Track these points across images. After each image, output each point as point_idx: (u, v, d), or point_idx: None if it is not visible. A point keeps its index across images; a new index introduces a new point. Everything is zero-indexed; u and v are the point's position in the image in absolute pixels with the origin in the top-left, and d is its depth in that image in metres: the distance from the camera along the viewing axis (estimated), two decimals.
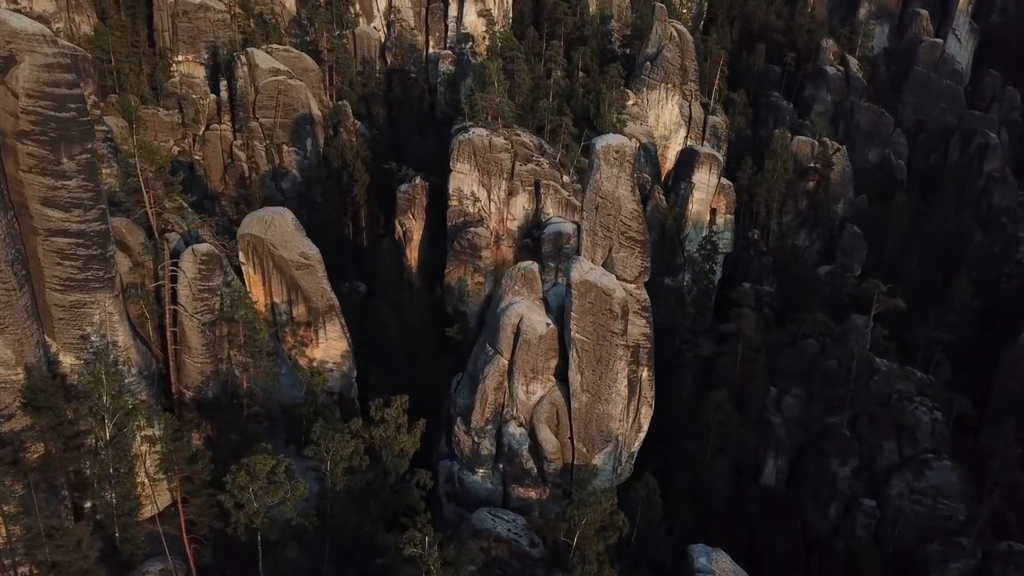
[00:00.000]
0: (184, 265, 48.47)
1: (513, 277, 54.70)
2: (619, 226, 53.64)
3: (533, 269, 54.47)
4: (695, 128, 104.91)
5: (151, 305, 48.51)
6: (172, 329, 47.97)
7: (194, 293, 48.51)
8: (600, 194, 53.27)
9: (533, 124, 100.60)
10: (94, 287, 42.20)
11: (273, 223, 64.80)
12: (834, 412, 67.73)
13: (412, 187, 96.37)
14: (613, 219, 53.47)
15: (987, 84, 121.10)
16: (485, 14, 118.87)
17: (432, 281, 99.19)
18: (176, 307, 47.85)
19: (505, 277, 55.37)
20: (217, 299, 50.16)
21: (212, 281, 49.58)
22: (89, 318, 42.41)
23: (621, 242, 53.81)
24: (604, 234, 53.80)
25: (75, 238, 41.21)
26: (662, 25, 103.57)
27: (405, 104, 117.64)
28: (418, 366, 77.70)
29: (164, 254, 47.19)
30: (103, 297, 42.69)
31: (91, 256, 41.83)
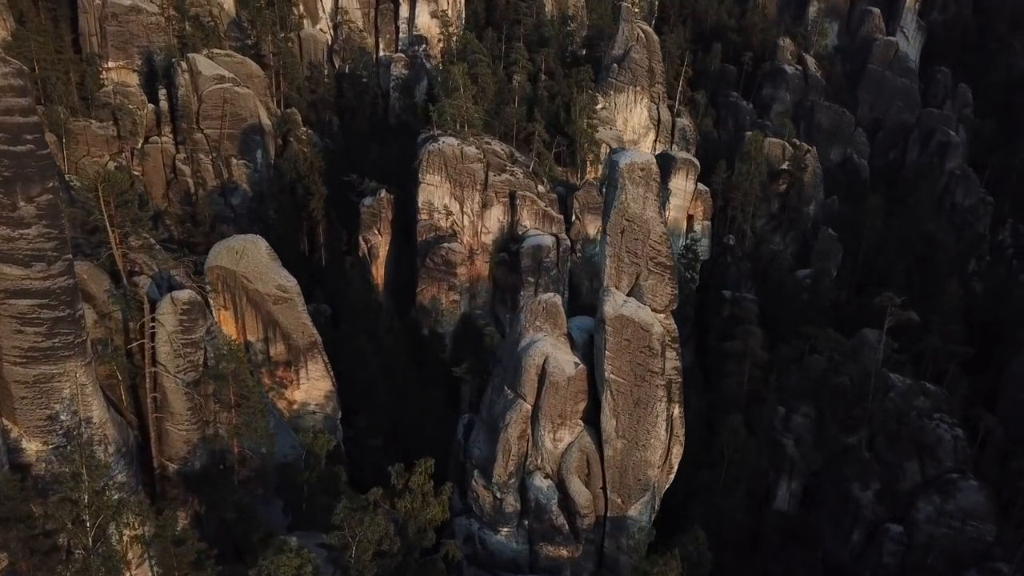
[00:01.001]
0: (163, 317, 40.33)
1: (533, 311, 48.08)
2: (648, 251, 47.56)
3: (556, 302, 47.95)
4: (664, 131, 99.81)
5: (122, 363, 40.23)
6: (153, 395, 39.77)
7: (176, 349, 40.48)
8: (627, 217, 47.05)
9: (500, 131, 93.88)
10: (63, 356, 34.01)
11: (245, 253, 56.69)
12: (850, 432, 63.26)
13: (377, 201, 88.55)
14: (641, 244, 47.34)
15: (939, 82, 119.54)
16: (439, 15, 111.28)
17: (400, 300, 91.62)
18: (156, 369, 39.68)
19: (524, 311, 48.66)
20: (201, 353, 42.14)
21: (195, 333, 41.58)
22: (58, 394, 34.23)
23: (650, 268, 47.74)
24: (631, 260, 47.63)
25: (38, 298, 33.03)
26: (629, 26, 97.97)
27: (358, 110, 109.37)
28: (403, 399, 70.44)
29: (144, 308, 38.91)
30: (73, 367, 34.50)
31: (58, 319, 33.65)
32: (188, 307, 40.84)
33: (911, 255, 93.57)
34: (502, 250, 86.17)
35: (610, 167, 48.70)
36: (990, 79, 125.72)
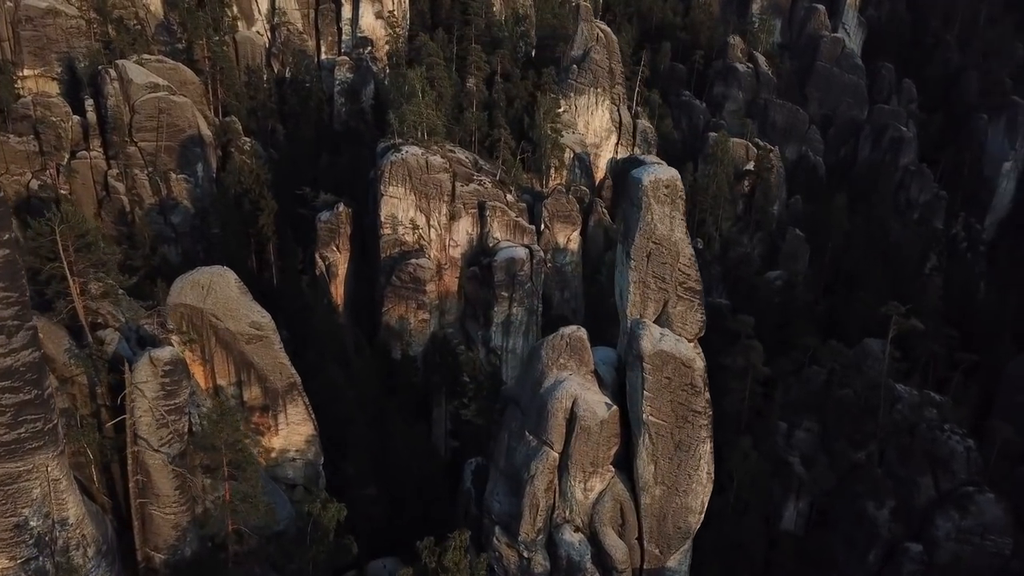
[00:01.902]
0: (141, 381, 33.27)
1: (555, 347, 42.55)
2: (677, 276, 42.64)
3: (581, 336, 42.56)
4: (626, 134, 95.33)
5: (93, 440, 33.08)
6: (136, 477, 32.75)
7: (158, 419, 33.56)
8: (654, 239, 41.98)
9: (459, 137, 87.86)
10: (31, 448, 27.11)
11: (213, 288, 49.49)
12: (858, 447, 59.89)
13: (335, 215, 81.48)
14: (670, 268, 42.36)
15: (883, 78, 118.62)
16: (384, 16, 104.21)
17: (361, 320, 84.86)
18: (138, 448, 32.67)
19: (544, 347, 43.02)
20: (186, 419, 35.23)
21: (179, 397, 34.74)
22: (26, 496, 27.29)
23: (679, 294, 42.83)
24: (658, 286, 42.59)
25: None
26: (588, 25, 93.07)
27: (302, 117, 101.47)
28: (383, 433, 63.94)
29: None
30: (44, 460, 27.63)
31: (23, 404, 26.75)
32: (170, 367, 33.94)
33: (878, 254, 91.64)
34: (472, 264, 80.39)
35: (629, 185, 43.51)
36: (928, 74, 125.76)
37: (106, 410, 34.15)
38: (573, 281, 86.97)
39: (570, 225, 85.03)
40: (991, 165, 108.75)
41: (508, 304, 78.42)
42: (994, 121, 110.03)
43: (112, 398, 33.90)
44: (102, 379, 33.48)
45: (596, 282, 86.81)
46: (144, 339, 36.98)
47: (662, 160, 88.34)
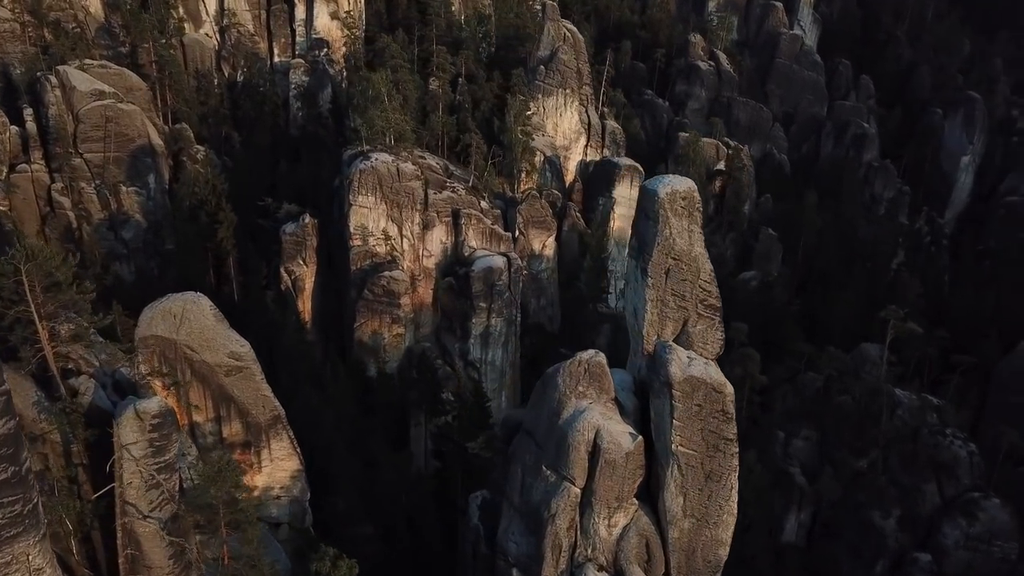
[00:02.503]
0: (126, 438, 28.89)
1: (573, 374, 39.16)
2: (697, 293, 39.67)
3: (600, 362, 39.22)
4: (595, 135, 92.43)
5: (73, 510, 28.59)
6: (126, 551, 28.37)
7: (147, 480, 29.19)
8: (673, 255, 38.92)
9: (427, 142, 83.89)
10: (8, 537, 22.63)
11: (186, 317, 44.91)
12: (860, 455, 58.03)
13: (301, 227, 76.81)
14: (690, 285, 39.37)
15: (841, 74, 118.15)
16: (341, 17, 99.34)
17: (330, 336, 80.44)
18: (127, 518, 28.30)
19: (561, 375, 39.55)
20: (176, 477, 30.92)
21: (169, 452, 30.45)
22: None
23: (700, 312, 39.87)
24: (678, 304, 39.57)
25: None
26: (555, 25, 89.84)
27: (257, 123, 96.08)
28: (371, 462, 59.86)
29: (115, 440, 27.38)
30: (25, 548, 23.17)
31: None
32: (159, 420, 29.58)
33: (850, 252, 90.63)
34: (447, 274, 76.58)
35: (644, 197, 40.32)
36: (880, 70, 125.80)
37: (84, 471, 29.65)
38: (549, 288, 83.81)
39: (545, 231, 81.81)
40: (949, 160, 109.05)
41: (487, 315, 74.87)
42: (951, 116, 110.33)
43: (90, 456, 29.43)
44: (78, 436, 29.00)
45: (573, 288, 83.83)
46: (121, 384, 32.51)
47: (637, 165, 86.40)
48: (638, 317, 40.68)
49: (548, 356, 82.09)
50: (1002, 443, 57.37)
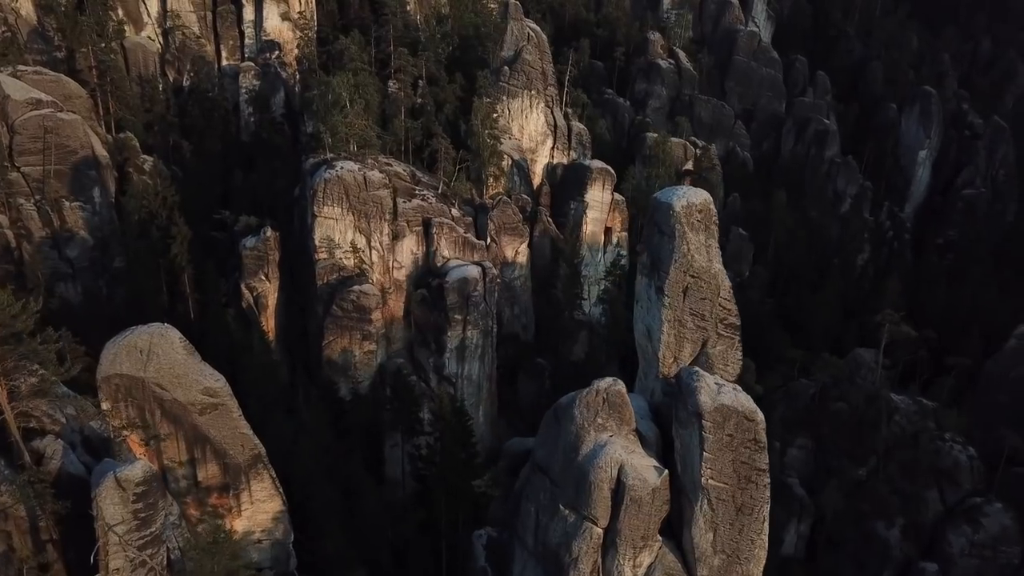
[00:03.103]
0: (112, 516, 24.62)
1: (591, 405, 35.83)
2: (717, 312, 36.83)
3: (620, 391, 35.92)
4: (561, 137, 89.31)
5: None
6: None
7: (131, 558, 24.94)
8: (691, 272, 36.00)
9: (390, 148, 79.73)
10: None
11: (154, 353, 40.41)
12: (858, 463, 56.14)
13: (262, 241, 72.04)
14: (710, 304, 36.52)
15: (798, 70, 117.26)
16: (292, 18, 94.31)
17: (295, 355, 75.85)
18: None
19: (577, 407, 36.12)
20: (164, 549, 26.73)
21: (155, 523, 26.46)
22: None
23: (719, 332, 37.08)
24: (696, 324, 36.67)
25: None
26: (518, 24, 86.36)
27: (207, 131, 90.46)
28: (354, 497, 55.74)
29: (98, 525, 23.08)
30: None
31: None
32: (144, 489, 25.39)
33: (822, 250, 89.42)
34: (419, 286, 72.69)
35: (657, 211, 37.27)
36: (833, 65, 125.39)
37: (54, 548, 25.24)
38: (523, 296, 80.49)
39: (518, 237, 78.41)
40: (906, 155, 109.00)
41: (462, 327, 71.25)
42: (907, 111, 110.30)
43: (61, 531, 25.07)
44: (46, 509, 24.62)
45: (547, 295, 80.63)
46: (93, 442, 28.11)
47: (609, 168, 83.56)
48: (652, 338, 37.61)
49: (525, 367, 79.11)
50: (1003, 446, 56.07)
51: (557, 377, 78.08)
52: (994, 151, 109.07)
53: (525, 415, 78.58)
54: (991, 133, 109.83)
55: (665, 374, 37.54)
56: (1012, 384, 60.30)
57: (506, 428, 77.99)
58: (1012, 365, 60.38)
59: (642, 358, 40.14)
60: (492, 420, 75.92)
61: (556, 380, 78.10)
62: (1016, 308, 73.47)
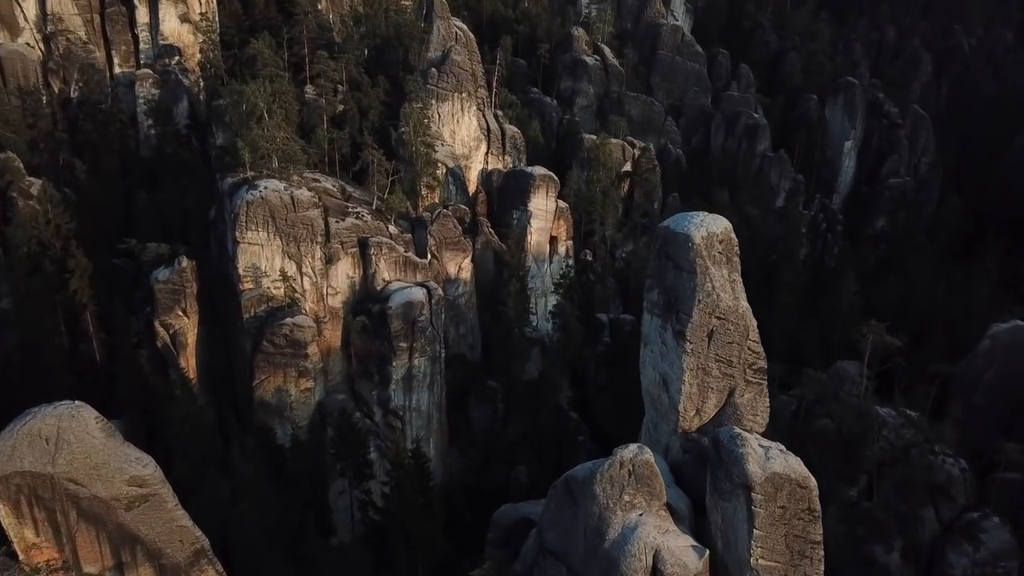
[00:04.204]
0: None
1: (615, 481, 29.81)
2: (746, 357, 31.44)
3: (648, 460, 30.02)
4: (495, 141, 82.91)
5: None
6: None
7: None
8: (718, 313, 30.58)
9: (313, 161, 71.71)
10: None
11: (64, 439, 32.70)
12: (848, 483, 52.24)
13: (177, 272, 63.15)
14: (738, 348, 31.20)
15: (720, 63, 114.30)
16: (192, 20, 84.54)
17: (221, 396, 67.28)
18: None
19: (599, 483, 29.96)
20: None
21: None
22: None
23: (748, 379, 31.71)
24: (723, 372, 31.27)
25: None
26: (445, 24, 79.39)
27: (101, 146, 80.00)
28: (305, 564, 48.21)
29: None
30: None
31: None
32: None
33: (765, 248, 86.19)
34: (357, 313, 65.24)
35: (673, 243, 31.58)
36: (751, 58, 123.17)
37: None
38: (468, 314, 73.95)
39: (460, 252, 71.78)
40: (832, 146, 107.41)
41: (408, 356, 64.32)
42: (831, 102, 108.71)
43: None
44: None
45: (493, 311, 74.26)
46: None
47: (552, 174, 77.69)
48: (670, 388, 31.97)
49: (475, 390, 72.65)
50: (984, 451, 53.22)
51: (510, 399, 72.10)
52: (915, 140, 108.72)
53: (478, 443, 72.31)
54: (911, 122, 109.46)
55: (686, 429, 32.01)
56: (987, 386, 57.79)
57: (458, 458, 71.53)
58: (986, 366, 57.86)
59: (651, 407, 34.48)
60: (443, 452, 69.25)
61: (509, 402, 72.13)
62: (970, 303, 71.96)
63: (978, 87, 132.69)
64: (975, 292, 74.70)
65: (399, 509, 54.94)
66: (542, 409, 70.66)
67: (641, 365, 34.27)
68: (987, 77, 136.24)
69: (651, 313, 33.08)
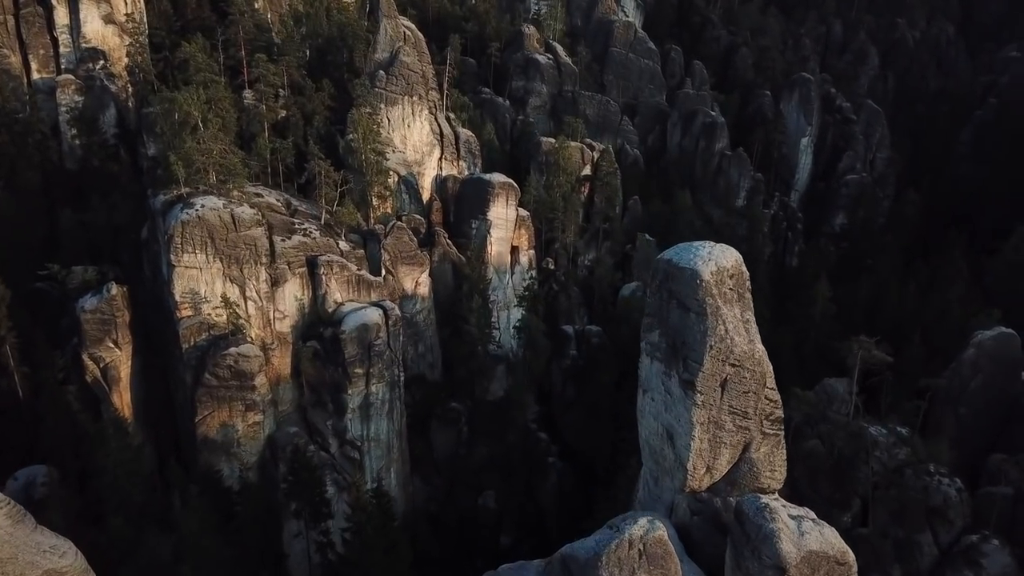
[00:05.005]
0: None
1: (623, 563, 25.23)
2: (763, 407, 27.19)
3: (661, 537, 25.53)
4: (448, 146, 77.74)
5: None
6: None
7: None
8: (732, 360, 26.32)
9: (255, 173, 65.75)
10: None
11: None
12: (840, 508, 48.80)
13: (106, 300, 56.77)
14: (754, 398, 26.95)
15: (673, 60, 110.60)
16: (117, 21, 77.35)
17: (160, 433, 61.09)
18: None
19: (604, 565, 25.32)
20: None
21: None
22: None
23: (764, 431, 27.49)
24: (738, 425, 27.05)
25: None
26: (392, 23, 73.84)
27: (19, 159, 72.52)
28: None
29: None
30: None
31: None
32: None
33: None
34: (308, 337, 59.69)
35: (676, 279, 27.13)
36: (702, 53, 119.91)
37: None
38: (427, 331, 68.87)
39: (416, 267, 66.65)
40: (789, 143, 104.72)
41: (364, 382, 59.12)
42: (786, 98, 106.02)
43: None
44: None
45: (454, 327, 69.33)
46: None
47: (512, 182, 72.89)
48: (676, 443, 27.57)
49: (437, 413, 67.70)
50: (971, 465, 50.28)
51: (475, 421, 67.39)
52: (870, 135, 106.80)
53: (442, 468, 67.42)
54: (866, 117, 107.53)
55: (695, 488, 27.68)
56: (973, 396, 54.95)
57: (421, 486, 66.59)
58: (972, 375, 55.00)
59: (651, 460, 30.06)
60: (404, 481, 64.25)
61: (474, 424, 67.42)
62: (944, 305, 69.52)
63: (924, 80, 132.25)
64: (947, 294, 72.38)
65: (361, 554, 49.72)
66: (509, 430, 66.18)
67: (639, 414, 29.81)
68: (932, 70, 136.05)
69: (651, 357, 28.59)
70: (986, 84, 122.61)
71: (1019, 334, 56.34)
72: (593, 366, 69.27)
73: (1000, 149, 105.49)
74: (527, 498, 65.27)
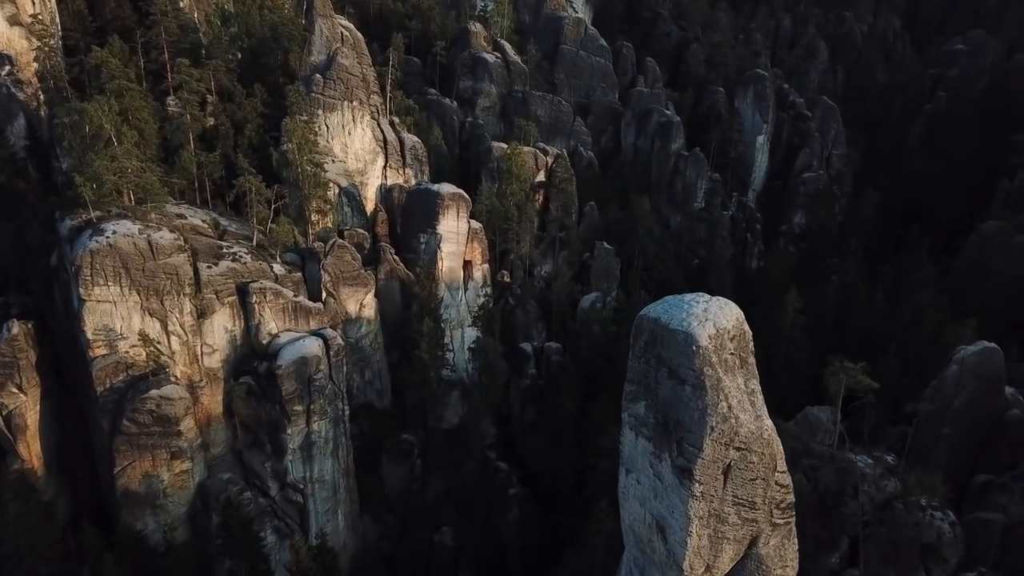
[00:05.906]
0: None
1: None
2: (773, 495, 22.06)
3: None
4: (393, 153, 71.53)
5: None
6: None
7: None
8: (736, 443, 21.20)
9: (178, 190, 58.91)
10: None
11: None
12: (827, 548, 44.34)
13: (7, 340, 49.63)
14: (763, 485, 21.79)
15: (625, 57, 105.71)
16: (24, 22, 69.19)
17: (78, 486, 54.08)
18: None
19: None
20: None
21: None
22: None
23: (774, 521, 22.40)
24: (743, 517, 21.94)
25: None
26: (328, 23, 67.24)
27: None
28: None
29: None
30: None
31: None
32: None
33: (689, 256, 78.26)
34: (240, 373, 53.26)
35: (667, 345, 21.80)
36: (653, 50, 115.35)
37: None
38: (374, 357, 62.82)
39: (361, 287, 60.56)
40: (745, 141, 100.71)
41: (305, 420, 53.01)
42: (741, 95, 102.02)
43: None
44: None
45: (402, 349, 63.35)
46: None
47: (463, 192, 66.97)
48: (668, 537, 22.46)
49: (388, 445, 61.78)
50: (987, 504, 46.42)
51: (429, 452, 61.63)
52: (826, 132, 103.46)
53: (394, 505, 61.56)
54: (821, 113, 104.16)
55: None
56: (956, 415, 51.09)
57: (372, 525, 60.67)
58: (954, 393, 51.15)
59: (636, 548, 24.86)
60: (353, 521, 58.30)
61: (428, 456, 61.66)
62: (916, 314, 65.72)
63: (872, 74, 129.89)
64: (917, 301, 68.79)
65: None
66: (466, 461, 60.69)
67: (621, 495, 24.55)
68: (879, 63, 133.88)
69: (636, 432, 23.29)
70: (935, 77, 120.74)
71: (989, 340, 52.94)
72: (554, 387, 64.14)
73: (951, 141, 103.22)
74: (487, 533, 59.84)
